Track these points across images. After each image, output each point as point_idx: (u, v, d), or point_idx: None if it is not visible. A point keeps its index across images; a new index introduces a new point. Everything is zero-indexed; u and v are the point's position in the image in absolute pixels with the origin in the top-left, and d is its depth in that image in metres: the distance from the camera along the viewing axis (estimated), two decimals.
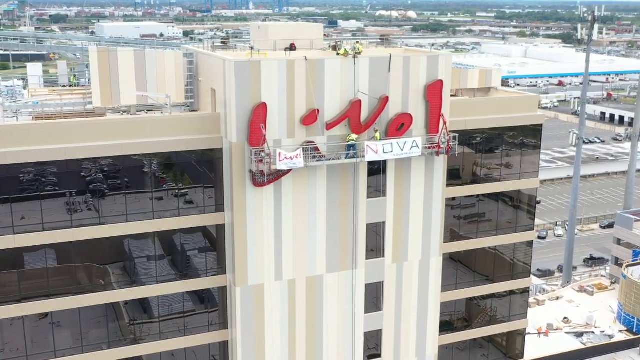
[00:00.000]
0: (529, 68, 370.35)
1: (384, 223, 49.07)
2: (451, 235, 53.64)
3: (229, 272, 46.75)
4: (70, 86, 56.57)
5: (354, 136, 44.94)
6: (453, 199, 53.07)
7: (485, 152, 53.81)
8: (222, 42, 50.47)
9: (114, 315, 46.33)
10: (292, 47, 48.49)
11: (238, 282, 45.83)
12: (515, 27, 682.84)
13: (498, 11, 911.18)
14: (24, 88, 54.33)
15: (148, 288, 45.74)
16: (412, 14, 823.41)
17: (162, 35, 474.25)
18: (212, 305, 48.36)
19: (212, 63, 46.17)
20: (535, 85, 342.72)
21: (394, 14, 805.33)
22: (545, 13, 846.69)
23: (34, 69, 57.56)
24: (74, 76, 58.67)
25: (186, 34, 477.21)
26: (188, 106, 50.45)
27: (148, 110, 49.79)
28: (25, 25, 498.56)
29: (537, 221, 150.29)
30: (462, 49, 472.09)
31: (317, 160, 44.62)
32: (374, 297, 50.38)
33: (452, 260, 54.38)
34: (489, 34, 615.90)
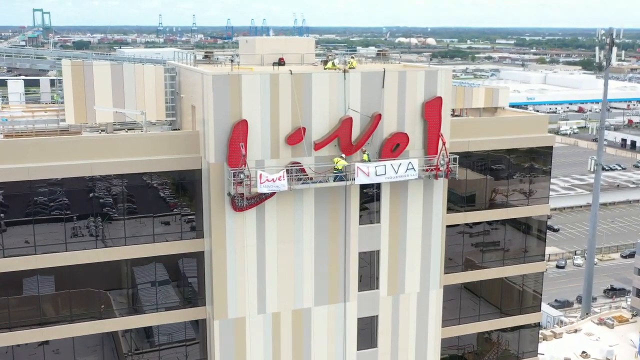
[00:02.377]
0: (548, 94, 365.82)
1: (378, 252, 45.25)
2: (463, 264, 49.86)
3: (208, 304, 43.07)
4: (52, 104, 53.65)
5: (342, 162, 41.27)
6: (468, 225, 49.57)
7: (491, 176, 49.93)
8: (205, 56, 47.24)
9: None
10: (280, 62, 45.15)
11: (217, 315, 42.10)
12: (534, 53, 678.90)
13: (518, 38, 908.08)
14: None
15: (115, 321, 42.12)
16: (431, 40, 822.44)
17: None
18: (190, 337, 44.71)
19: (193, 78, 42.94)
20: (554, 112, 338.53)
21: (413, 40, 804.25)
22: (565, 40, 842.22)
23: (15, 86, 54.72)
24: (57, 94, 55.61)
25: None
26: (169, 124, 47.21)
27: (129, 129, 46.64)
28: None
29: (556, 250, 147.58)
30: (480, 75, 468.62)
31: (303, 183, 41.04)
32: (367, 333, 46.40)
33: (457, 288, 50.34)
34: (509, 60, 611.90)
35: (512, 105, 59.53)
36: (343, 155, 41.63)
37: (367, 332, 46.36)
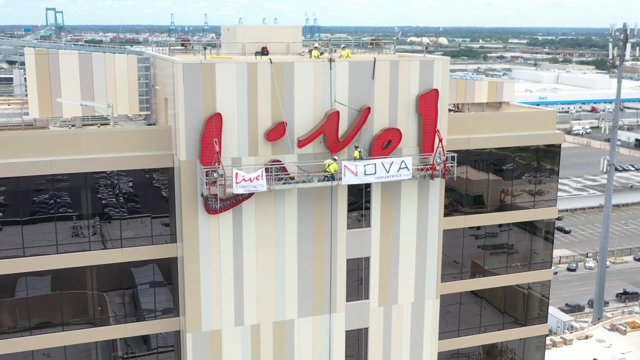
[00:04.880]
0: (560, 94, 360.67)
1: (368, 259, 41.54)
2: (462, 271, 46.22)
3: (182, 315, 39.46)
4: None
5: (335, 165, 37.62)
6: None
7: (493, 176, 46.06)
8: (182, 45, 43.59)
9: None
10: (263, 51, 41.39)
11: (189, 327, 38.47)
12: (547, 53, 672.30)
13: (530, 38, 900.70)
14: None
15: (80, 333, 38.52)
16: (443, 40, 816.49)
17: None
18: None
19: (168, 68, 39.30)
20: (567, 112, 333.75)
21: (425, 40, 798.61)
22: (579, 40, 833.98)
23: None
24: None
25: None
26: (144, 119, 43.67)
27: (102, 124, 43.16)
28: None
29: (567, 252, 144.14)
30: (492, 74, 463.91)
31: (284, 183, 37.33)
32: (356, 347, 42.75)
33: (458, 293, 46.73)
34: (521, 60, 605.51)
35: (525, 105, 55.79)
36: (335, 158, 37.96)
37: (356, 346, 42.74)
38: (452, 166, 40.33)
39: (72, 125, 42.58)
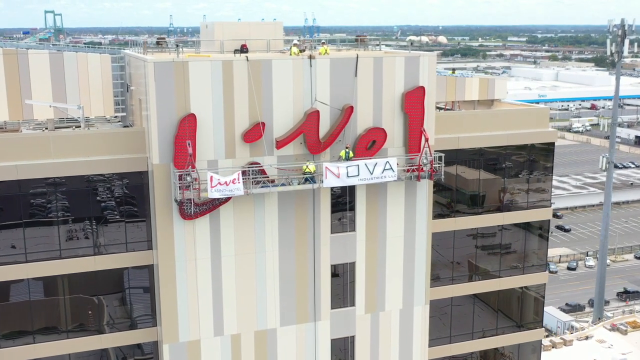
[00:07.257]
0: (560, 91, 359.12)
1: (353, 264, 39.85)
2: (452, 276, 44.70)
3: (158, 325, 37.80)
4: None
5: (311, 166, 36.04)
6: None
7: (484, 176, 44.37)
8: (157, 43, 41.93)
9: None
10: (243, 49, 39.78)
11: (166, 338, 36.81)
12: (547, 50, 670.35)
13: (530, 35, 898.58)
14: None
15: (53, 345, 36.86)
16: (442, 39, 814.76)
17: None
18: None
19: (140, 67, 37.62)
20: (567, 109, 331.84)
21: (424, 39, 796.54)
22: (578, 37, 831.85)
23: None
24: None
25: None
26: (119, 121, 42.00)
27: (77, 126, 41.52)
28: None
29: (567, 251, 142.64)
30: (492, 72, 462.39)
31: (263, 186, 35.62)
32: (342, 356, 41.13)
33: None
34: (520, 57, 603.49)
35: (524, 102, 54.22)
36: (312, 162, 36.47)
37: (342, 355, 41.10)
38: (439, 167, 38.63)
39: (46, 128, 40.98)
